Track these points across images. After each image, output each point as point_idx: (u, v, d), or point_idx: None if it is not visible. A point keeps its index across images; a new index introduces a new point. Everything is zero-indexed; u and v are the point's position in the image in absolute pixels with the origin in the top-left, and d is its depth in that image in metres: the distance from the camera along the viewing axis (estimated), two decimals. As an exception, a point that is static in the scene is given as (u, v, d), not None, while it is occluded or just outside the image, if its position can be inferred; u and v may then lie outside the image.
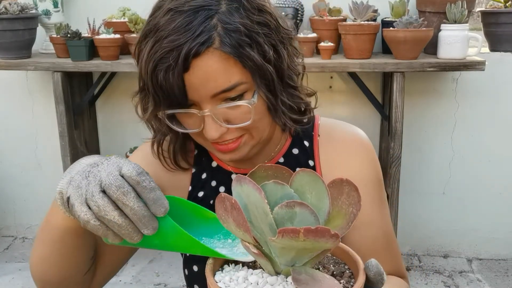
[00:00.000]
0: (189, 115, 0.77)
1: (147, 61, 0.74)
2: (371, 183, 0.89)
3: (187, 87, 0.73)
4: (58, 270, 0.76)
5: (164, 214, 0.59)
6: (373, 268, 0.56)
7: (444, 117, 2.41)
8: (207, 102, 0.75)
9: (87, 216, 0.59)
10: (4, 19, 2.14)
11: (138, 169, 0.60)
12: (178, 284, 2.33)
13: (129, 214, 0.58)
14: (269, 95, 0.78)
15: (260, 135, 0.82)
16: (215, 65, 0.72)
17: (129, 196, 0.58)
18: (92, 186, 0.59)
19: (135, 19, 2.21)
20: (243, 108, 0.76)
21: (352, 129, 0.93)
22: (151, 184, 0.59)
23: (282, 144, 0.91)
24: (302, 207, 0.51)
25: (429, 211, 2.53)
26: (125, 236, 0.59)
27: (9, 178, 2.72)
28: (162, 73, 0.72)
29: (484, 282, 2.33)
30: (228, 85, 0.74)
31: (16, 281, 2.36)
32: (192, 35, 0.71)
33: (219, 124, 0.76)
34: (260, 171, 0.60)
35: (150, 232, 0.59)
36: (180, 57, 0.70)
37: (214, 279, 0.57)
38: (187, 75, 0.72)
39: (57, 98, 2.20)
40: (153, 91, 0.75)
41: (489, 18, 2.29)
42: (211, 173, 0.92)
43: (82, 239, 0.72)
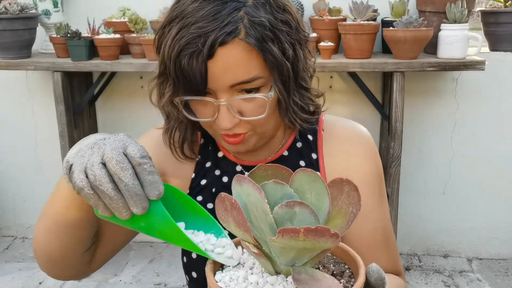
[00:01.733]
0: (204, 103, 0.79)
1: (171, 46, 0.75)
2: (371, 178, 0.90)
3: (209, 75, 0.75)
4: (60, 245, 0.77)
5: (156, 198, 0.60)
6: (374, 273, 0.57)
7: (444, 117, 2.41)
8: (224, 92, 0.77)
9: (82, 183, 0.60)
10: (4, 19, 2.14)
11: (142, 152, 0.61)
12: (178, 284, 2.33)
13: (123, 190, 0.59)
14: (284, 92, 0.80)
15: (265, 130, 0.84)
16: (239, 56, 0.75)
17: (126, 172, 0.59)
18: (94, 157, 0.60)
19: (135, 19, 2.21)
20: (258, 101, 0.79)
21: (355, 125, 0.95)
22: (151, 168, 0.61)
23: (286, 138, 0.94)
24: (302, 206, 0.51)
25: (429, 211, 2.53)
26: (115, 210, 0.60)
27: (9, 178, 2.72)
28: (186, 58, 0.74)
29: (484, 282, 2.33)
30: (248, 77, 0.76)
31: (16, 281, 2.36)
32: (219, 24, 0.73)
33: (233, 115, 0.78)
34: (260, 171, 0.60)
35: (139, 211, 0.60)
36: (206, 44, 0.73)
37: (214, 278, 0.57)
38: (210, 62, 0.74)
39: (57, 98, 2.20)
40: (174, 76, 0.76)
41: (489, 18, 2.29)
42: (216, 162, 0.94)
43: (85, 215, 0.73)
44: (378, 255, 0.88)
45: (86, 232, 0.78)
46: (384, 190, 0.93)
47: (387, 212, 0.93)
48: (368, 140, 0.93)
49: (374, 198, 0.90)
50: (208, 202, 0.93)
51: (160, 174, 0.91)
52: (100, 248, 0.86)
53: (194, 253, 0.93)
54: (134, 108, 2.53)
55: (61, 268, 0.82)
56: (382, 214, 0.91)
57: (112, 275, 2.40)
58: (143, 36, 2.15)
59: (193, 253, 0.93)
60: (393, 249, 0.93)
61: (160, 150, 0.93)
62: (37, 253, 0.82)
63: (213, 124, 0.81)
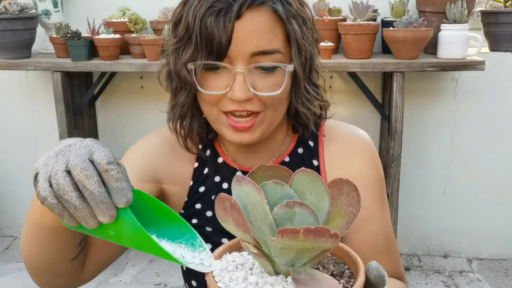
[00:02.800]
0: (217, 75, 0.78)
1: (199, 6, 0.75)
2: (372, 183, 0.90)
3: (233, 37, 0.74)
4: (41, 253, 0.75)
5: (125, 205, 0.57)
6: (373, 271, 0.57)
7: (444, 117, 2.41)
8: (243, 60, 0.76)
9: (46, 192, 0.57)
10: (4, 19, 2.14)
11: (109, 158, 0.58)
12: (178, 284, 2.33)
13: (88, 198, 0.57)
14: (301, 74, 0.81)
15: (273, 121, 0.83)
16: (265, 23, 0.75)
17: (91, 180, 0.56)
18: (58, 165, 0.58)
19: (135, 19, 2.21)
20: (275, 78, 0.78)
21: (356, 130, 0.95)
22: (119, 175, 0.57)
23: (287, 143, 0.93)
24: (301, 207, 0.51)
25: (429, 211, 2.53)
26: (81, 220, 0.58)
27: (9, 178, 2.72)
28: (213, 16, 0.73)
29: (484, 282, 2.33)
30: (270, 47, 0.76)
31: (16, 281, 2.36)
32: None
33: (248, 87, 0.77)
34: (260, 171, 0.60)
35: (106, 220, 0.57)
36: (236, 3, 0.73)
37: (214, 279, 0.57)
38: (237, 23, 0.74)
39: (57, 98, 2.20)
40: (198, 36, 0.75)
41: (489, 18, 2.29)
42: (215, 168, 0.92)
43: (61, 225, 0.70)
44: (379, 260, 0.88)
45: (68, 240, 0.74)
46: (385, 195, 0.93)
47: (388, 217, 0.92)
48: (369, 145, 0.92)
49: (375, 203, 0.89)
50: (207, 210, 0.92)
51: (156, 182, 0.91)
52: (91, 257, 0.84)
53: None
54: (134, 108, 2.53)
55: (48, 277, 0.80)
56: (384, 219, 0.90)
57: (112, 275, 2.40)
58: (143, 36, 2.15)
59: None
60: (395, 254, 0.92)
61: (157, 157, 0.91)
62: (25, 263, 0.79)
63: (221, 102, 0.79)
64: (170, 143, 0.93)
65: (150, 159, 0.90)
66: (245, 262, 0.60)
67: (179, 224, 0.64)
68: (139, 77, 2.48)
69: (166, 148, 0.93)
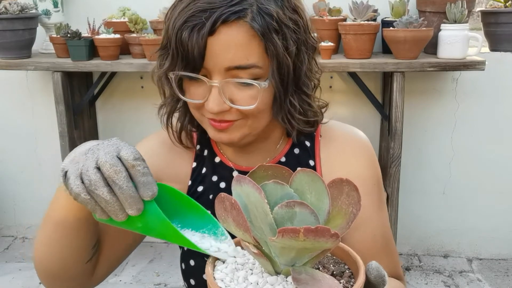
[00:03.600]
0: (196, 84, 0.79)
1: (177, 18, 0.75)
2: (370, 184, 0.89)
3: (207, 52, 0.74)
4: (60, 255, 0.77)
5: (150, 198, 0.61)
6: (373, 271, 0.57)
7: (444, 117, 2.41)
8: (219, 74, 0.76)
9: (79, 189, 0.60)
10: (4, 19, 2.14)
11: (135, 154, 0.61)
12: (178, 284, 2.33)
13: (117, 193, 0.60)
14: (280, 87, 0.79)
15: (255, 127, 0.82)
16: (240, 38, 0.74)
17: (120, 175, 0.59)
18: (89, 162, 0.61)
19: (135, 19, 2.21)
20: (251, 90, 0.78)
21: (353, 131, 0.94)
22: (145, 170, 0.61)
23: (283, 143, 0.93)
24: (302, 207, 0.51)
25: (429, 211, 2.53)
26: (111, 213, 0.61)
27: (9, 178, 2.72)
28: (188, 30, 0.74)
29: (484, 282, 2.33)
30: (245, 62, 0.76)
31: (16, 281, 2.36)
32: (228, 3, 0.74)
33: (223, 100, 0.77)
34: (260, 171, 0.60)
35: (134, 212, 0.60)
36: (210, 19, 0.73)
37: (214, 278, 0.57)
38: (211, 38, 0.74)
39: (57, 98, 2.20)
40: (174, 48, 0.76)
41: (489, 18, 2.29)
42: (213, 168, 0.93)
43: (83, 223, 0.73)
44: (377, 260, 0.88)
45: (86, 240, 0.77)
46: (383, 196, 0.92)
47: (386, 217, 0.92)
48: (366, 145, 0.92)
49: (373, 204, 0.89)
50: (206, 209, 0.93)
51: None
52: (101, 260, 0.86)
53: (192, 260, 0.93)
54: (134, 108, 2.53)
55: (62, 281, 0.81)
56: (381, 220, 0.90)
57: (112, 275, 2.40)
58: (143, 36, 2.15)
59: (192, 260, 0.93)
60: (393, 255, 0.92)
61: (156, 159, 0.92)
62: (38, 267, 0.81)
63: (203, 108, 0.80)
64: (168, 145, 0.94)
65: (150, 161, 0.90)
66: (245, 262, 0.60)
67: (202, 215, 0.68)
68: (139, 77, 2.48)
69: (165, 149, 0.94)
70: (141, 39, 2.11)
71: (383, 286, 0.57)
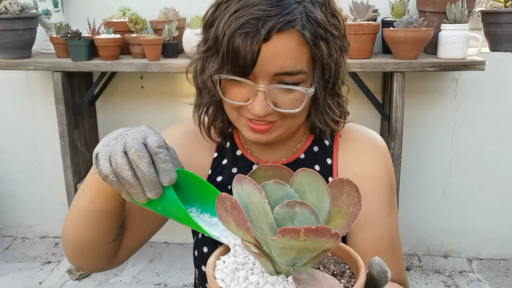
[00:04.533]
0: (239, 86, 0.80)
1: (228, 22, 0.76)
2: (383, 187, 0.91)
3: (258, 58, 0.76)
4: (88, 235, 0.82)
5: (168, 184, 0.65)
6: (376, 266, 0.57)
7: (444, 117, 2.41)
8: (266, 79, 0.78)
9: (107, 171, 0.66)
10: (4, 19, 2.14)
11: (160, 142, 0.66)
12: (178, 284, 2.33)
13: (139, 176, 0.65)
14: (322, 92, 0.83)
15: (291, 127, 0.85)
16: (291, 46, 0.76)
17: (143, 160, 0.65)
18: (117, 146, 0.67)
19: (135, 19, 2.21)
20: (296, 95, 0.80)
21: (372, 134, 0.97)
22: (166, 157, 0.66)
23: (304, 141, 0.95)
24: (302, 206, 0.51)
25: (429, 211, 2.54)
26: (134, 195, 0.67)
27: (9, 178, 2.72)
28: (241, 37, 0.75)
29: (484, 282, 2.33)
30: (294, 69, 0.78)
31: (16, 281, 2.36)
32: (282, 11, 0.75)
33: (268, 104, 0.79)
34: (261, 171, 0.60)
35: (153, 196, 0.66)
36: (265, 26, 0.74)
37: (215, 278, 0.57)
38: (264, 45, 0.75)
39: (57, 98, 2.20)
40: (225, 53, 0.77)
41: (489, 18, 2.29)
42: (233, 160, 0.96)
43: (111, 206, 0.78)
44: None
45: (112, 222, 0.82)
46: (395, 202, 0.94)
47: (395, 223, 0.93)
48: (383, 149, 0.95)
49: (383, 206, 0.91)
50: None
51: None
52: (124, 243, 0.90)
53: (205, 247, 0.95)
54: (134, 108, 2.53)
55: (89, 259, 0.87)
56: (390, 224, 0.91)
57: (112, 275, 2.40)
58: (143, 36, 2.15)
59: (205, 247, 0.95)
60: (399, 260, 0.93)
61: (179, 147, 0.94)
62: (66, 244, 0.86)
63: (242, 109, 0.82)
64: (191, 134, 0.97)
65: None
66: (246, 262, 0.60)
67: None
68: (139, 77, 2.48)
69: (188, 138, 0.97)
70: (141, 39, 2.11)
71: (385, 283, 0.57)
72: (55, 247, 2.65)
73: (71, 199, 2.32)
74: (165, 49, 2.16)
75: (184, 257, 2.56)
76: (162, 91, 2.46)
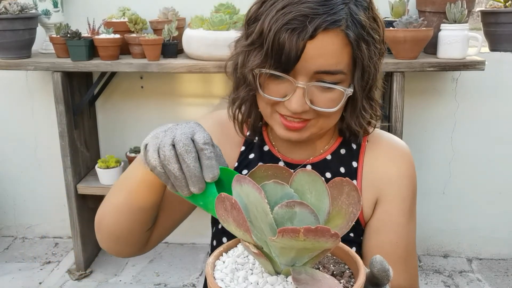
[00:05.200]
0: (280, 82, 0.81)
1: (275, 18, 0.77)
2: (405, 193, 0.92)
3: (302, 55, 0.76)
4: (126, 225, 0.83)
5: (211, 180, 0.67)
6: (377, 264, 0.57)
7: (444, 117, 2.41)
8: (306, 76, 0.79)
9: (156, 162, 0.68)
10: (4, 19, 2.14)
11: (206, 139, 0.68)
12: (178, 284, 2.33)
13: (185, 170, 0.67)
14: (360, 94, 0.84)
15: (324, 127, 0.86)
16: (335, 45, 0.77)
17: (189, 155, 0.66)
18: (166, 139, 0.68)
19: (135, 19, 2.21)
20: (334, 94, 0.81)
21: (398, 141, 0.98)
22: (211, 154, 0.68)
23: (332, 143, 0.96)
24: (302, 206, 0.51)
25: (429, 211, 2.54)
26: (178, 188, 0.68)
27: (9, 178, 2.72)
28: (288, 32, 0.75)
29: (484, 282, 2.33)
30: (334, 68, 0.79)
31: (16, 281, 2.36)
32: (329, 10, 0.76)
33: (305, 101, 0.80)
34: (260, 171, 0.60)
35: (196, 190, 0.67)
36: (312, 24, 0.75)
37: (214, 279, 0.57)
38: (309, 42, 0.76)
39: (57, 98, 2.20)
40: (270, 47, 0.77)
41: (489, 18, 2.29)
42: (260, 155, 0.97)
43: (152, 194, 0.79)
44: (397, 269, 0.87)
45: (150, 215, 0.84)
46: (414, 210, 0.95)
47: (413, 231, 0.94)
48: (409, 158, 0.95)
49: (402, 213, 0.91)
50: None
51: None
52: (156, 230, 0.92)
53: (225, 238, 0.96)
54: (134, 108, 2.53)
55: (123, 247, 0.89)
56: (408, 232, 0.92)
57: (112, 275, 2.40)
58: (143, 36, 2.15)
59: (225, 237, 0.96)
60: (413, 268, 0.93)
61: None
62: (101, 233, 0.87)
63: (277, 105, 0.83)
64: (220, 126, 0.99)
65: None
66: (245, 262, 0.60)
67: None
68: (139, 77, 2.48)
69: (217, 130, 0.98)
70: (141, 39, 2.11)
71: (387, 281, 0.57)
72: (55, 247, 2.65)
73: (71, 199, 2.32)
74: (164, 49, 2.16)
75: (184, 257, 2.56)
76: (162, 91, 2.46)
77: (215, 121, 1.00)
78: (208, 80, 2.46)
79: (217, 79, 2.45)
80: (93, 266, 2.47)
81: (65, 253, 2.59)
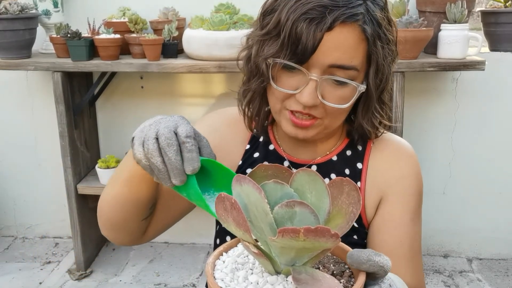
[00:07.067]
0: (291, 74, 0.81)
1: (294, 7, 0.77)
2: (410, 193, 0.92)
3: (319, 46, 0.76)
4: (123, 209, 0.85)
5: (191, 173, 0.68)
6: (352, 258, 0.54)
7: (444, 117, 2.41)
8: (320, 69, 0.79)
9: (141, 155, 0.70)
10: (4, 19, 2.14)
11: (188, 133, 0.69)
12: (178, 284, 2.33)
13: (166, 163, 0.68)
14: (374, 91, 0.84)
15: (330, 126, 0.86)
16: (351, 39, 0.77)
17: (171, 148, 0.67)
18: (150, 132, 0.70)
19: (135, 19, 2.21)
20: (345, 91, 0.81)
21: (404, 143, 0.98)
22: (192, 147, 0.68)
23: (338, 144, 0.96)
24: (302, 206, 0.51)
25: (429, 211, 2.53)
26: (161, 180, 0.69)
27: (9, 178, 2.72)
28: (306, 22, 0.75)
29: (484, 282, 2.33)
30: (349, 63, 0.78)
31: (16, 281, 2.36)
32: (348, 4, 0.76)
33: (317, 94, 0.80)
34: (260, 171, 0.60)
35: (177, 182, 0.68)
36: (331, 15, 0.75)
37: (215, 278, 0.57)
38: (326, 34, 0.76)
39: (57, 98, 2.20)
40: (286, 37, 0.77)
41: (489, 18, 2.29)
42: (265, 154, 0.97)
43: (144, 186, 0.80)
44: (401, 268, 0.88)
45: (144, 202, 0.84)
46: (420, 211, 0.95)
47: (418, 232, 0.94)
48: (413, 158, 0.96)
49: (408, 213, 0.91)
50: None
51: None
52: (153, 222, 0.93)
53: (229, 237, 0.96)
54: (134, 108, 2.53)
55: (122, 235, 0.91)
56: (412, 231, 0.92)
57: (112, 275, 2.40)
58: (143, 36, 2.15)
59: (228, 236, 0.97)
60: (418, 267, 0.93)
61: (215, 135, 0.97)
62: (102, 221, 0.90)
63: (287, 100, 0.82)
64: (228, 124, 0.99)
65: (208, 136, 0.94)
66: (245, 261, 0.60)
67: None
68: (139, 77, 2.48)
69: (224, 127, 0.99)
70: (141, 39, 2.11)
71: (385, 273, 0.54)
72: (55, 247, 2.65)
73: (71, 199, 2.32)
74: (165, 49, 2.16)
75: (184, 257, 2.56)
76: (162, 91, 2.46)
77: (221, 118, 1.01)
78: (208, 80, 2.46)
79: (217, 79, 2.45)
80: (93, 266, 2.47)
81: (65, 253, 2.59)
